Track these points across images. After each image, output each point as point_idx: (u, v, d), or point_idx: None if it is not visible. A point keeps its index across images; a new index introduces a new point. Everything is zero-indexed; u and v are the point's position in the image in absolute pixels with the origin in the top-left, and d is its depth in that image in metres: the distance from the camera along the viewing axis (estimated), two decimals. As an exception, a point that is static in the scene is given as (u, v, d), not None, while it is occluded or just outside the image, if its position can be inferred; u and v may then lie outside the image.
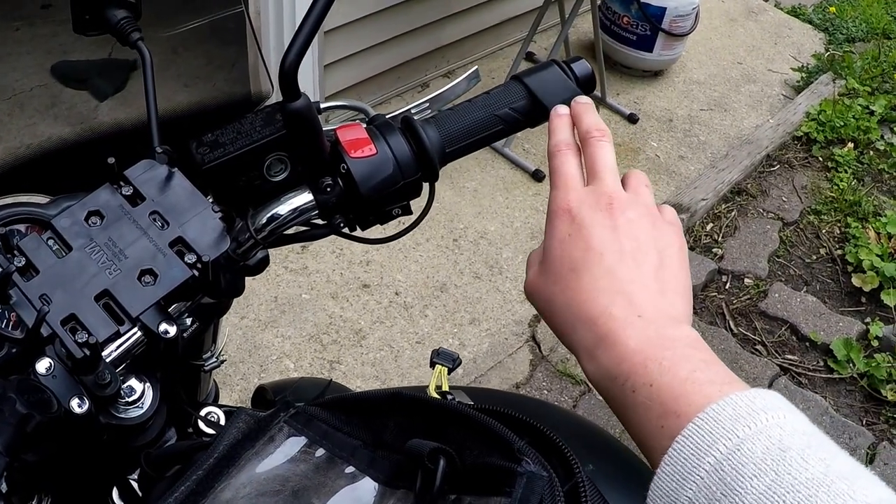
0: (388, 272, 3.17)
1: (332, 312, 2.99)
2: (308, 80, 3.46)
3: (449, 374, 0.92)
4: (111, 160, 0.80)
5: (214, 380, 1.21)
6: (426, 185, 0.89)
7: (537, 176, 3.65)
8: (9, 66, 3.96)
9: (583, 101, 0.85)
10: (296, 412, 0.75)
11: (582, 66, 0.93)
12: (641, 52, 4.32)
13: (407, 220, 0.91)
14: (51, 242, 0.78)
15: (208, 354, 1.08)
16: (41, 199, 0.88)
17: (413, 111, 0.95)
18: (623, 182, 0.79)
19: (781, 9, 5.40)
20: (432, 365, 0.92)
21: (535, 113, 0.91)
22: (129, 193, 0.81)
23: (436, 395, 0.86)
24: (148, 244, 0.79)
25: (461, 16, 4.03)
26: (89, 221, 0.79)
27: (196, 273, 0.78)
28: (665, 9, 4.10)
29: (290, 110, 0.79)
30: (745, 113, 4.40)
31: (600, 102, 4.19)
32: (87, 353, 0.71)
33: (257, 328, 2.90)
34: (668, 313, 0.69)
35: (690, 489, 0.57)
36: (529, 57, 4.35)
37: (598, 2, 4.16)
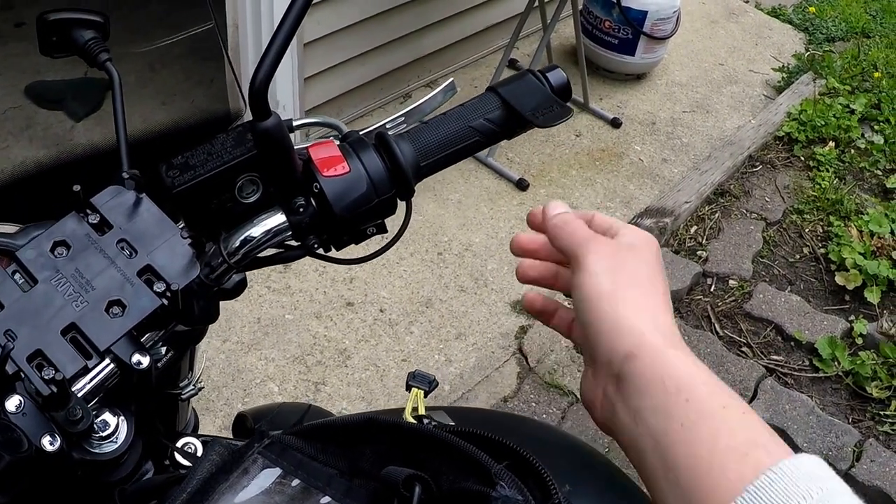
0: (371, 289, 3.15)
1: (317, 332, 2.98)
2: (288, 93, 3.46)
3: (425, 396, 0.91)
4: (76, 188, 0.78)
5: (193, 408, 1.19)
6: (403, 203, 0.87)
7: (521, 185, 3.65)
8: (-19, 86, 3.89)
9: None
10: (270, 442, 0.74)
11: (557, 75, 0.92)
12: (623, 56, 4.33)
13: (385, 238, 0.90)
14: (16, 276, 0.76)
15: (185, 382, 1.05)
16: (9, 228, 0.87)
17: (388, 126, 0.94)
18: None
19: (762, 10, 5.42)
20: (408, 388, 0.91)
21: (512, 123, 0.90)
22: (95, 221, 0.80)
23: (412, 420, 0.86)
24: (115, 274, 0.77)
25: (441, 24, 4.03)
26: (55, 252, 0.78)
27: (166, 302, 0.77)
28: (646, 12, 4.12)
29: (260, 130, 0.77)
30: (728, 114, 4.41)
31: (583, 107, 4.19)
32: (55, 389, 0.70)
33: (240, 351, 2.88)
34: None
35: None
36: (512, 64, 4.35)
37: (580, 7, 4.17)
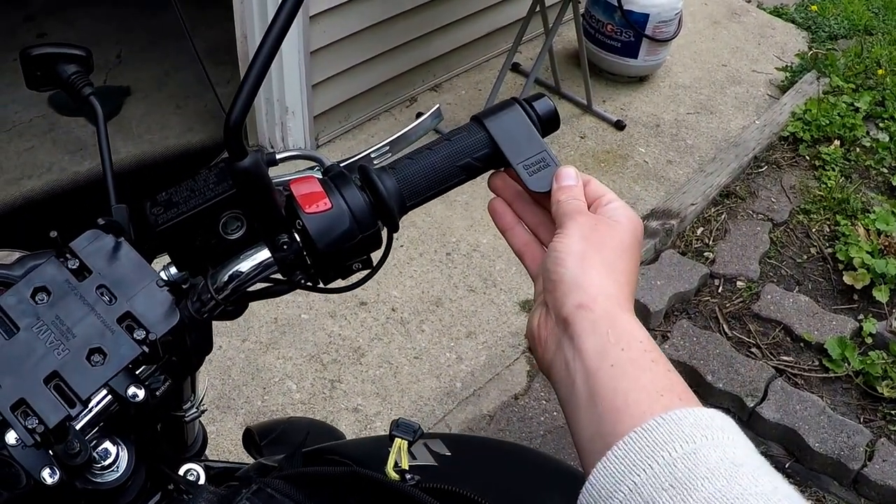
0: (383, 289, 3.18)
1: (332, 331, 3.02)
2: (297, 99, 3.48)
3: (409, 446, 0.90)
4: (53, 234, 0.78)
5: (202, 423, 1.19)
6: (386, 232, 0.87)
7: (527, 186, 3.65)
8: (8, 97, 3.97)
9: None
10: (257, 489, 0.75)
11: (544, 105, 0.91)
12: (626, 59, 4.33)
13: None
14: None
15: (188, 405, 1.06)
16: (16, 253, 0.87)
17: (373, 155, 0.93)
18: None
19: (764, 9, 5.42)
20: (391, 438, 0.89)
21: (496, 161, 0.90)
22: (75, 267, 0.79)
23: (394, 474, 0.85)
24: (95, 321, 0.77)
25: (446, 29, 4.05)
26: (36, 298, 0.77)
27: (146, 349, 0.76)
28: (648, 15, 4.12)
29: (238, 169, 0.77)
30: (732, 115, 4.41)
31: (586, 110, 4.20)
32: (38, 440, 0.70)
33: (259, 350, 2.93)
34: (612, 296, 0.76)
35: (638, 476, 0.60)
36: (515, 68, 4.37)
37: (582, 10, 4.19)
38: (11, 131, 3.71)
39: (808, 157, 4.14)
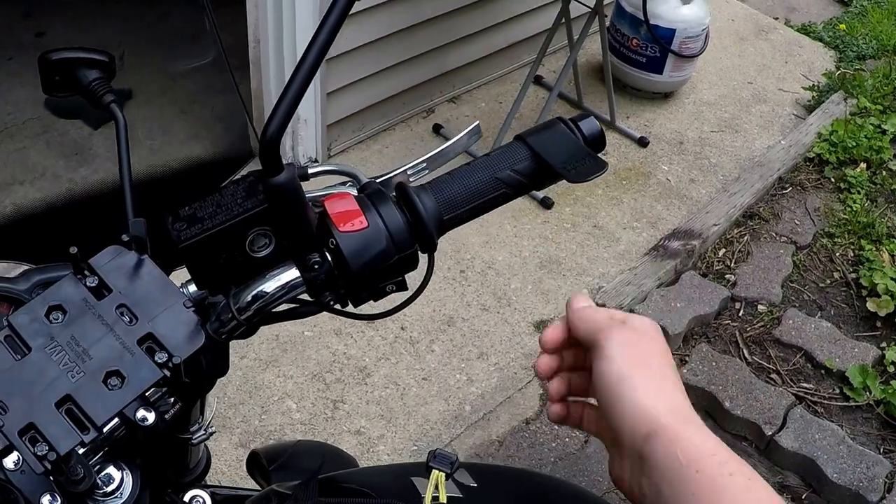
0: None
1: (336, 350, 2.94)
2: (310, 108, 3.43)
3: (447, 479, 0.86)
4: (73, 250, 0.74)
5: (206, 446, 1.15)
6: (424, 255, 0.83)
7: (546, 203, 3.60)
8: (1, 98, 3.90)
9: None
10: None
11: (590, 125, 0.88)
12: (651, 75, 4.27)
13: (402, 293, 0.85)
14: (8, 341, 0.72)
15: (196, 427, 1.01)
16: (21, 266, 0.83)
17: (409, 172, 0.90)
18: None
19: (791, 27, 5.35)
20: (428, 469, 0.86)
21: (540, 174, 0.85)
22: (94, 285, 0.75)
23: None
24: (114, 342, 0.73)
25: (467, 40, 3.99)
26: (50, 317, 0.73)
27: (167, 373, 0.72)
28: (674, 30, 4.05)
29: (272, 185, 0.73)
30: (757, 134, 4.34)
31: (610, 126, 4.14)
32: (48, 467, 0.66)
33: (258, 368, 2.85)
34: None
35: None
36: (538, 80, 4.30)
37: (607, 24, 4.12)
38: (3, 133, 3.63)
39: (833, 180, 4.07)
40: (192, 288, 0.82)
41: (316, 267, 0.78)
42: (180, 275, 0.82)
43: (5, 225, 3.12)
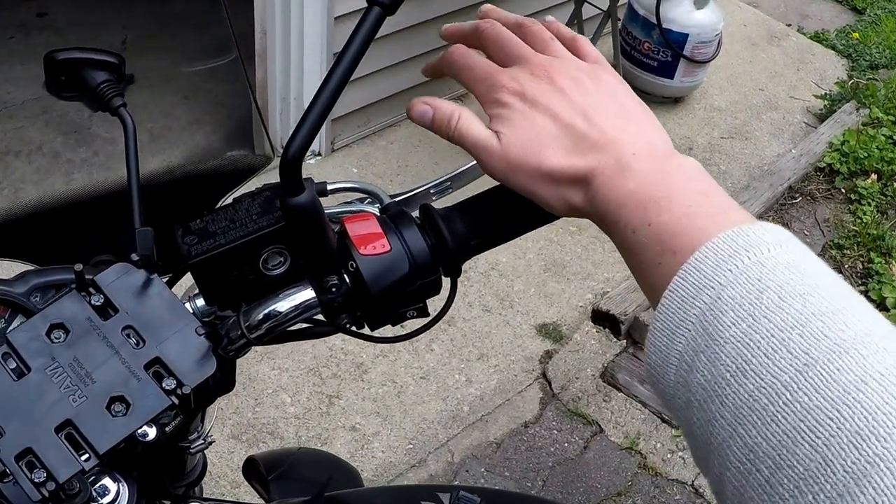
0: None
1: (333, 345, 2.89)
2: (318, 101, 3.39)
3: None
4: (78, 267, 0.70)
5: (204, 452, 1.11)
6: (447, 279, 0.80)
7: (551, 205, 3.56)
8: (1, 76, 3.88)
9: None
10: None
11: None
12: (662, 79, 4.22)
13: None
14: (6, 359, 0.69)
15: (195, 436, 0.97)
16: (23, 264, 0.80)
17: (432, 191, 0.87)
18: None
19: (804, 34, 5.30)
20: None
21: None
22: (99, 303, 0.72)
23: None
24: (119, 366, 0.69)
25: (477, 38, 3.95)
26: (52, 336, 0.70)
27: (175, 401, 0.69)
28: (687, 35, 4.01)
29: (291, 206, 0.68)
30: (767, 141, 4.30)
31: (618, 129, 4.09)
32: (46, 495, 0.63)
33: (253, 359, 2.81)
34: (659, 146, 0.68)
35: (680, 343, 0.56)
36: (547, 80, 4.27)
37: (619, 26, 4.09)
38: (1, 112, 3.55)
39: (843, 190, 4.03)
40: (200, 302, 0.79)
41: (334, 290, 0.74)
42: (186, 282, 0.79)
43: (11, 218, 3.07)
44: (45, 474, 0.64)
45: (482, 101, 0.75)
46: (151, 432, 0.68)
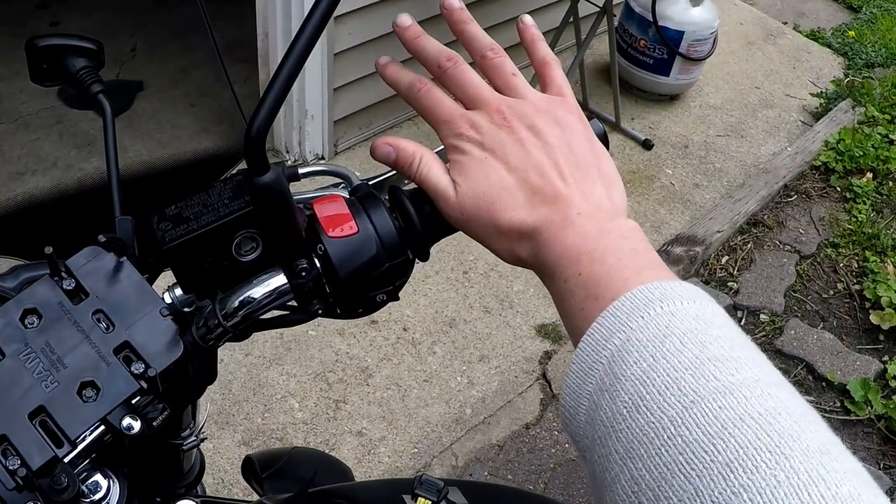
0: (396, 307, 3.08)
1: (339, 349, 2.92)
2: (317, 103, 3.40)
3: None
4: (49, 250, 0.70)
5: (200, 451, 1.11)
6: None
7: (549, 204, 3.57)
8: (15, 87, 3.87)
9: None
10: None
11: (594, 127, 0.86)
12: (658, 76, 4.24)
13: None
14: None
15: (187, 432, 0.98)
16: (12, 261, 0.81)
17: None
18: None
19: (800, 32, 5.31)
20: (414, 497, 0.83)
21: None
22: (70, 287, 0.72)
23: None
24: (90, 350, 0.69)
25: (474, 38, 3.95)
26: (25, 322, 0.70)
27: (144, 385, 0.69)
28: (683, 32, 4.02)
29: (257, 185, 0.69)
30: (763, 139, 4.31)
31: (614, 127, 4.11)
32: (20, 482, 0.63)
33: (262, 366, 2.83)
34: (604, 207, 0.70)
35: (591, 384, 0.58)
36: (543, 79, 4.28)
37: (615, 24, 4.10)
38: (18, 122, 3.61)
39: (839, 189, 4.04)
40: (179, 292, 0.79)
41: (304, 273, 0.74)
42: (169, 277, 0.79)
43: (17, 214, 3.09)
44: (18, 461, 0.64)
45: (444, 142, 0.76)
46: (136, 425, 0.68)
